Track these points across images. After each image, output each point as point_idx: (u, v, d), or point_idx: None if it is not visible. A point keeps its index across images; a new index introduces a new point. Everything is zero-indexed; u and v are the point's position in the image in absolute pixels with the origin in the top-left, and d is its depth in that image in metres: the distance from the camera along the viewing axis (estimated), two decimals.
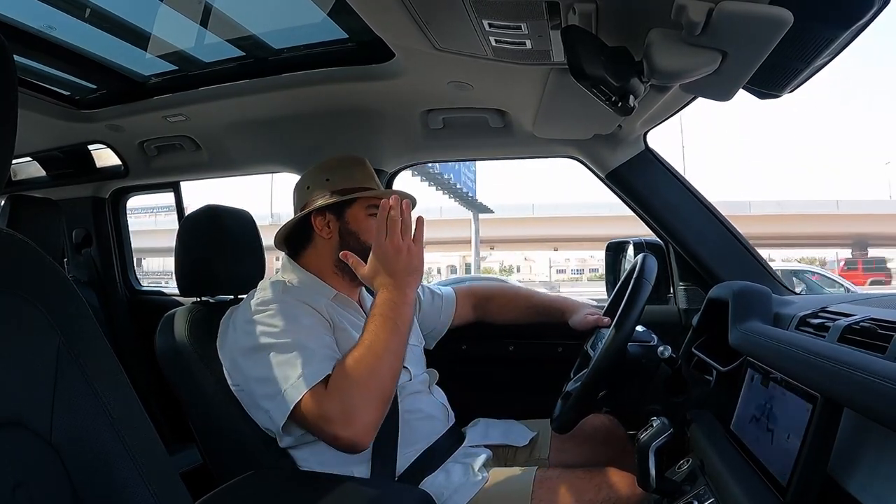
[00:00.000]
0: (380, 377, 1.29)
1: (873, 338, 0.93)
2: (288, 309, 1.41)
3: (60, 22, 1.82)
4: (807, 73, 1.14)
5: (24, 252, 0.76)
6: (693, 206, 1.97)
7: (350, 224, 1.58)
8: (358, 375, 1.28)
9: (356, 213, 1.59)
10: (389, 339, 1.33)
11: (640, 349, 1.46)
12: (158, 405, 2.55)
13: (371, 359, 1.30)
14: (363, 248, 1.51)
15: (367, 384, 1.28)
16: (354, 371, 1.29)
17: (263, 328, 1.38)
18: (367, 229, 1.56)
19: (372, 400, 1.27)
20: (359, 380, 1.28)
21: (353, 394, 1.27)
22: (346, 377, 1.29)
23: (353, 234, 1.58)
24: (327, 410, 1.26)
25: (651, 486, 1.16)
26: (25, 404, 0.71)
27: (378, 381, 1.29)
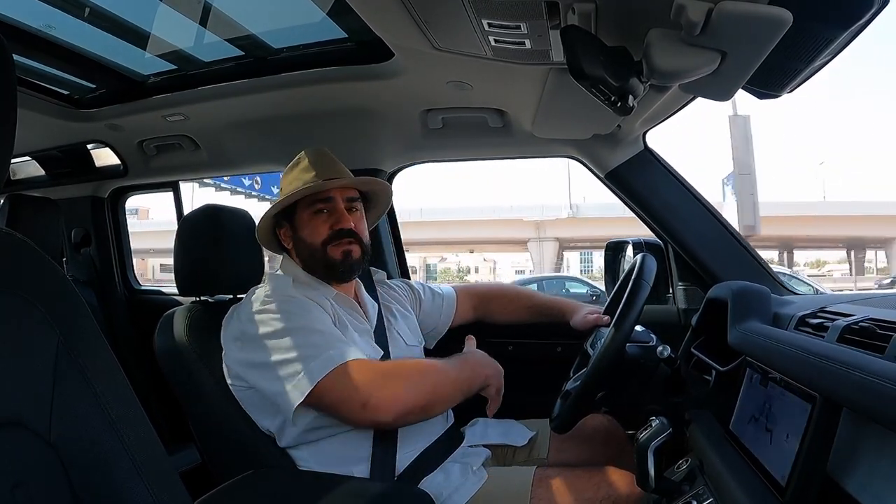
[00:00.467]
0: (434, 391, 1.39)
1: (872, 338, 0.93)
2: (299, 302, 1.43)
3: (60, 21, 1.82)
4: (806, 74, 1.14)
5: (24, 251, 0.76)
6: (692, 206, 1.97)
7: (299, 229, 1.58)
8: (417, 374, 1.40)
9: (300, 215, 1.57)
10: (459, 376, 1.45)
11: (639, 349, 1.46)
12: (157, 405, 2.55)
13: (437, 375, 1.42)
14: (312, 250, 1.55)
15: (422, 386, 1.38)
16: (417, 369, 1.43)
17: (275, 315, 1.39)
18: (312, 230, 1.56)
19: (417, 395, 1.35)
20: (415, 377, 1.39)
21: (402, 382, 1.36)
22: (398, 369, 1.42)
23: (301, 239, 1.57)
24: (360, 380, 1.31)
25: (650, 486, 1.16)
26: (24, 404, 0.71)
27: (431, 392, 1.38)
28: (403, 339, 1.68)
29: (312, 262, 1.56)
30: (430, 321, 1.90)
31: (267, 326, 1.38)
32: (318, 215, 1.55)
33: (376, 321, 1.64)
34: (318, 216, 1.55)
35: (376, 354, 1.53)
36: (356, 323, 1.55)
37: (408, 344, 1.68)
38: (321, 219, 1.55)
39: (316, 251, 1.54)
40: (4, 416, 0.69)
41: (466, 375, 1.46)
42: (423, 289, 1.92)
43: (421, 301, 1.89)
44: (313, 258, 1.56)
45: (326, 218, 1.55)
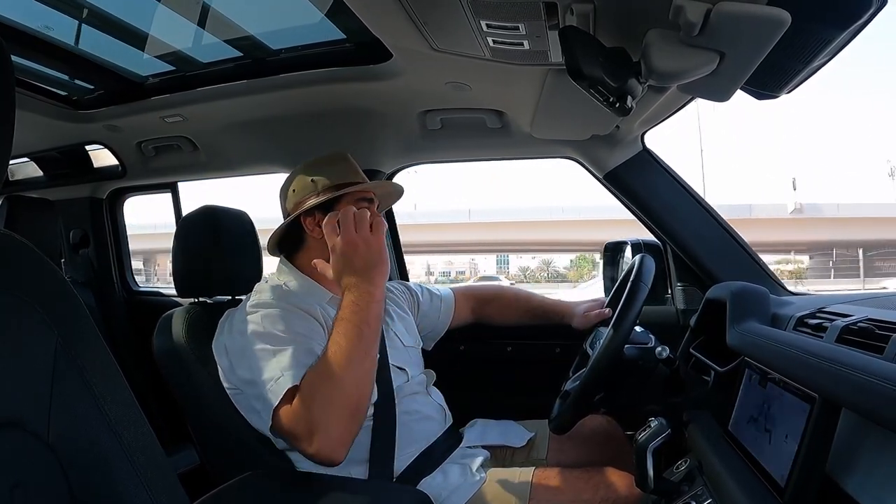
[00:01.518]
0: (343, 389, 1.24)
1: (871, 338, 0.93)
2: (282, 314, 1.40)
3: (58, 22, 1.82)
4: (805, 74, 1.14)
5: (22, 253, 0.76)
6: (691, 207, 1.97)
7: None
8: (319, 388, 1.24)
9: (346, 208, 1.57)
10: (353, 346, 1.27)
11: (637, 350, 1.46)
12: (156, 406, 2.54)
13: (334, 369, 1.25)
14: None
15: (330, 397, 1.23)
16: (316, 384, 1.25)
17: (255, 329, 1.37)
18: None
19: (336, 413, 1.23)
20: (321, 393, 1.24)
21: (314, 408, 1.23)
22: (308, 390, 1.25)
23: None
24: (293, 426, 1.25)
25: (649, 487, 1.16)
26: (23, 405, 0.71)
27: (342, 394, 1.23)
28: (400, 340, 1.68)
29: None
30: (429, 323, 1.90)
31: (246, 341, 1.37)
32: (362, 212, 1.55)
33: None
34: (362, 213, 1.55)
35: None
36: None
37: (405, 345, 1.68)
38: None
39: None
40: (3, 416, 0.69)
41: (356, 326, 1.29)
42: (422, 290, 1.92)
43: (419, 303, 1.89)
44: None
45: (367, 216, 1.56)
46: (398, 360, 1.60)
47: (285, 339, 1.35)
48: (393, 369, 1.56)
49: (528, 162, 16.09)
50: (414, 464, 1.47)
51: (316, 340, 1.39)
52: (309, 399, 1.24)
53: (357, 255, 1.32)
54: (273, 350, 1.33)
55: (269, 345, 1.34)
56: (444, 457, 1.53)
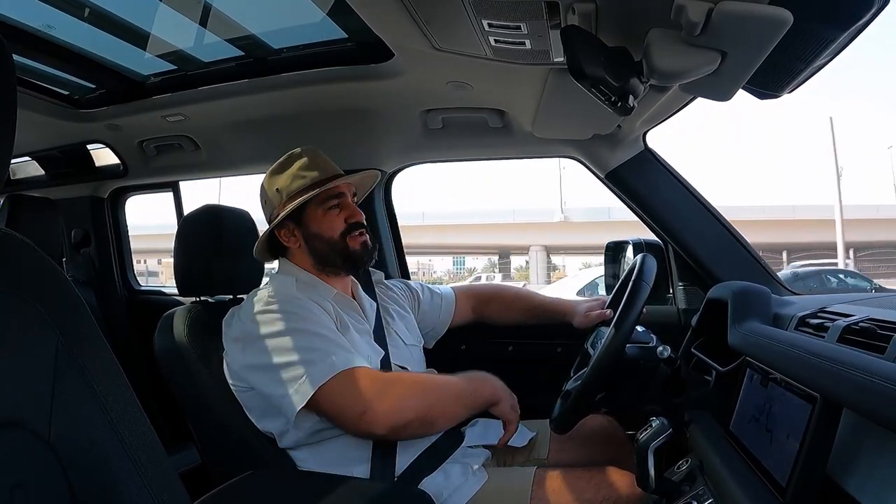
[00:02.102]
0: (437, 405, 1.41)
1: (872, 338, 0.93)
2: (302, 303, 1.43)
3: (59, 21, 1.82)
4: (806, 74, 1.14)
5: (23, 252, 0.76)
6: (692, 207, 1.97)
7: (311, 227, 1.58)
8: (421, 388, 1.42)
9: (313, 213, 1.58)
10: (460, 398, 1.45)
11: (639, 349, 1.46)
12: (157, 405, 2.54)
13: (439, 391, 1.44)
14: (331, 245, 1.57)
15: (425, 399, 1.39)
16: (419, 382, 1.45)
17: (278, 316, 1.39)
18: (329, 225, 1.58)
19: (418, 408, 1.37)
20: (419, 390, 1.41)
21: (402, 395, 1.37)
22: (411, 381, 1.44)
23: (316, 235, 1.58)
24: (364, 390, 1.32)
25: (650, 487, 1.16)
26: (24, 404, 0.71)
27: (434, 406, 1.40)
28: (402, 338, 1.68)
29: (331, 255, 1.58)
30: (429, 321, 1.90)
31: (269, 327, 1.38)
32: (332, 211, 1.58)
33: (374, 321, 1.64)
34: (332, 212, 1.58)
35: (377, 355, 1.53)
36: (356, 323, 1.55)
37: (406, 344, 1.68)
38: (335, 213, 1.58)
39: (336, 244, 1.57)
40: (4, 416, 0.69)
41: (472, 390, 1.46)
42: (422, 289, 1.93)
43: (419, 301, 1.89)
44: (332, 251, 1.57)
45: (339, 212, 1.59)
46: (400, 359, 1.60)
47: (316, 324, 1.40)
48: (395, 368, 1.56)
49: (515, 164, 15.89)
50: (415, 463, 1.47)
51: (337, 332, 1.45)
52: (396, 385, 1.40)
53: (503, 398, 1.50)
54: (307, 331, 1.38)
55: (303, 327, 1.38)
56: (445, 456, 1.53)
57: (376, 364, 1.51)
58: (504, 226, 29.66)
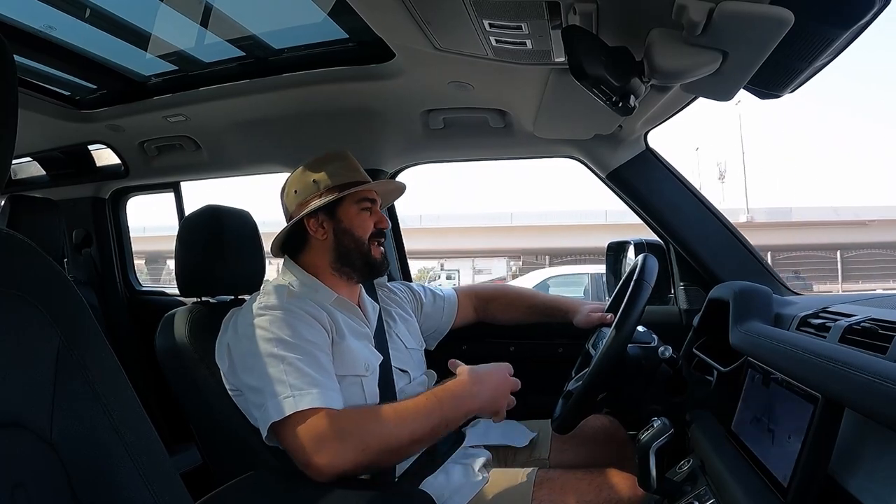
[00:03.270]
0: (384, 440, 1.25)
1: (874, 338, 0.93)
2: (290, 318, 1.39)
3: (60, 22, 1.82)
4: (808, 73, 1.14)
5: (25, 252, 0.76)
6: (693, 207, 1.97)
7: (343, 222, 1.58)
8: (367, 425, 1.26)
9: (347, 209, 1.58)
10: (425, 426, 1.29)
11: (640, 350, 1.46)
12: (158, 405, 2.54)
13: (392, 426, 1.27)
14: (358, 244, 1.56)
15: (370, 443, 1.24)
16: (370, 424, 1.26)
17: (262, 334, 1.36)
18: (361, 224, 1.58)
19: (361, 457, 1.23)
20: (365, 429, 1.25)
21: (347, 442, 1.23)
22: (343, 420, 1.26)
23: (346, 231, 1.57)
24: (305, 441, 1.23)
25: (652, 487, 1.16)
26: (25, 404, 0.71)
27: (377, 442, 1.25)
28: (403, 342, 1.68)
29: (354, 255, 1.57)
30: (432, 323, 1.90)
31: (252, 345, 1.36)
32: (365, 212, 1.59)
33: (376, 324, 1.64)
34: (365, 213, 1.59)
35: (376, 359, 1.52)
36: (356, 327, 1.55)
37: (407, 347, 1.68)
38: (366, 215, 1.59)
39: (362, 245, 1.58)
40: (5, 416, 0.69)
41: (444, 413, 1.32)
42: (424, 291, 1.92)
43: (422, 303, 1.89)
44: (356, 251, 1.57)
45: (370, 216, 1.60)
46: (400, 363, 1.60)
47: (294, 347, 1.34)
48: (395, 371, 1.56)
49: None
50: (416, 464, 1.47)
51: (322, 350, 1.39)
52: (338, 424, 1.24)
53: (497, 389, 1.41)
54: (280, 357, 1.31)
55: (276, 352, 1.32)
56: (445, 457, 1.53)
57: (375, 368, 1.50)
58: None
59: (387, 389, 1.50)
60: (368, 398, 1.45)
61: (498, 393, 1.39)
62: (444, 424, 1.31)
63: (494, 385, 1.40)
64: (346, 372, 1.42)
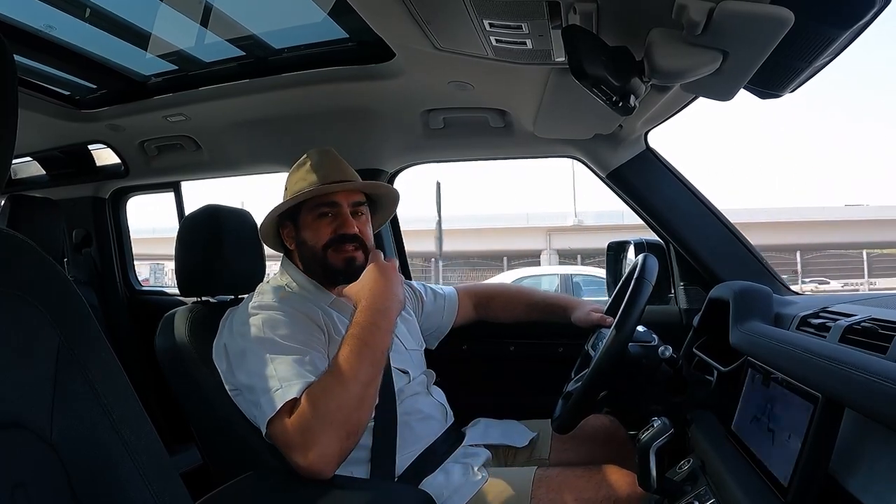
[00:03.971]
0: (345, 408, 1.22)
1: (874, 338, 0.93)
2: (284, 317, 1.39)
3: (60, 22, 1.82)
4: (808, 73, 1.14)
5: (24, 252, 0.76)
6: (694, 206, 1.97)
7: (301, 230, 1.56)
8: (322, 404, 1.22)
9: (305, 217, 1.55)
10: (360, 367, 1.25)
11: (640, 349, 1.46)
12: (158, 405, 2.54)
13: (338, 388, 1.23)
14: (313, 252, 1.53)
15: (331, 415, 1.21)
16: (319, 399, 1.23)
17: (256, 334, 1.36)
18: (315, 232, 1.53)
19: (333, 431, 1.20)
20: (322, 409, 1.21)
21: (313, 424, 1.21)
22: (310, 405, 1.22)
23: (303, 241, 1.55)
24: (289, 437, 1.22)
25: (652, 487, 1.16)
26: (25, 404, 0.71)
27: (342, 413, 1.21)
28: (402, 342, 1.67)
29: (313, 265, 1.55)
30: (433, 322, 1.90)
31: (246, 343, 1.36)
32: (322, 218, 1.53)
33: None
34: (322, 219, 1.53)
35: None
36: None
37: (407, 348, 1.67)
38: (325, 222, 1.53)
39: (316, 254, 1.53)
40: (5, 416, 0.69)
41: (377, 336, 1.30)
42: (425, 290, 1.92)
43: (423, 302, 1.88)
44: (314, 261, 1.54)
45: (330, 221, 1.53)
46: (400, 363, 1.59)
47: (286, 347, 1.33)
48: (395, 371, 1.55)
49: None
50: (415, 463, 1.47)
51: (317, 349, 1.38)
52: (309, 411, 1.22)
53: (385, 281, 1.38)
54: (273, 357, 1.31)
55: (269, 352, 1.32)
56: (445, 456, 1.53)
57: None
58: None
59: (386, 389, 1.50)
60: None
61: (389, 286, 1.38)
62: (380, 353, 1.31)
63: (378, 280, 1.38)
64: None
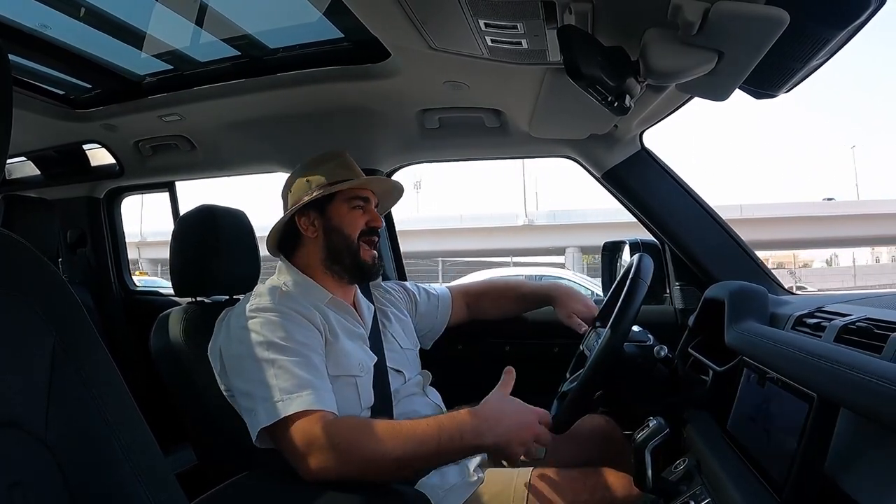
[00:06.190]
0: (376, 462, 1.20)
1: (869, 337, 0.93)
2: (281, 320, 1.38)
3: (55, 21, 1.82)
4: (803, 73, 1.14)
5: (19, 252, 0.76)
6: (689, 206, 1.97)
7: (333, 219, 1.57)
8: (359, 441, 1.21)
9: (338, 207, 1.57)
10: (410, 449, 1.20)
11: (636, 349, 1.46)
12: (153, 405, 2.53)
13: (371, 443, 1.21)
14: (347, 242, 1.55)
15: (356, 457, 1.20)
16: (342, 432, 1.22)
17: (254, 337, 1.35)
18: (351, 222, 1.57)
19: (346, 468, 1.20)
20: (357, 445, 1.21)
21: (323, 444, 1.20)
22: (328, 432, 1.21)
23: (335, 229, 1.56)
24: (290, 446, 1.23)
25: (647, 487, 1.16)
26: (20, 404, 0.71)
27: (373, 466, 1.20)
28: (398, 341, 1.67)
29: (343, 254, 1.56)
30: (427, 322, 1.90)
31: (242, 348, 1.35)
32: (356, 210, 1.58)
33: (371, 325, 1.63)
34: (356, 210, 1.58)
35: (370, 360, 1.52)
36: (350, 328, 1.54)
37: (402, 347, 1.67)
38: (358, 213, 1.58)
39: (351, 244, 1.56)
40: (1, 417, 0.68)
41: (441, 445, 1.21)
42: (419, 290, 1.92)
43: (417, 303, 1.88)
44: (347, 251, 1.56)
45: (362, 214, 1.58)
46: (395, 363, 1.59)
47: (285, 349, 1.33)
48: (390, 372, 1.55)
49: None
50: None
51: (316, 350, 1.38)
52: (323, 438, 1.21)
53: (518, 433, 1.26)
54: (272, 363, 1.30)
55: (268, 357, 1.31)
56: None
57: (369, 368, 1.50)
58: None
59: (382, 390, 1.50)
60: (363, 398, 1.45)
61: (513, 437, 1.24)
62: (438, 455, 1.22)
63: (511, 427, 1.25)
64: (341, 372, 1.42)
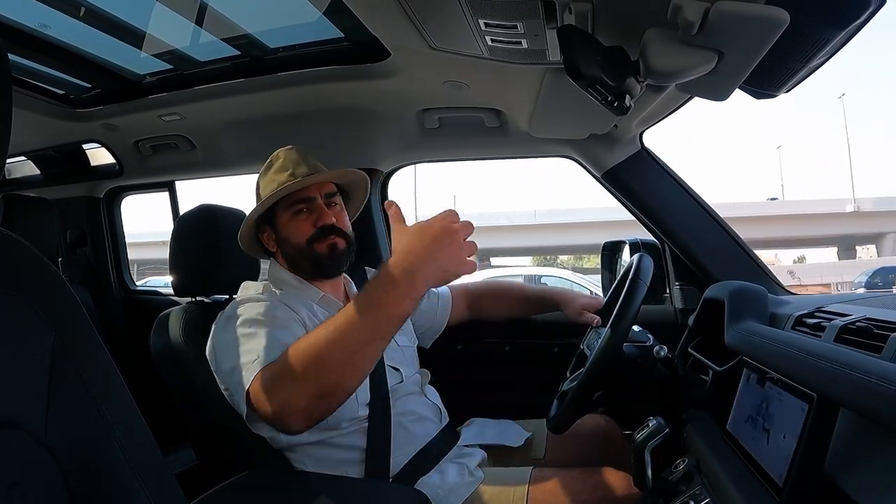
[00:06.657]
0: (323, 365, 1.11)
1: (869, 338, 0.93)
2: (263, 305, 1.40)
3: (55, 20, 1.82)
4: (803, 73, 1.14)
5: (19, 251, 0.75)
6: (689, 206, 1.97)
7: (281, 231, 1.56)
8: (299, 354, 1.15)
9: (281, 216, 1.55)
10: (357, 324, 1.10)
11: (636, 349, 1.46)
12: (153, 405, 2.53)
13: (322, 341, 1.13)
14: (298, 250, 1.54)
15: (305, 367, 1.13)
16: (299, 349, 1.16)
17: (236, 320, 1.37)
18: (295, 230, 1.54)
19: (302, 385, 1.13)
20: (296, 359, 1.15)
21: (283, 373, 1.17)
22: (286, 355, 1.18)
23: (285, 240, 1.56)
24: (259, 394, 1.20)
25: (647, 486, 1.16)
26: (20, 405, 0.70)
27: (319, 369, 1.12)
28: (395, 339, 1.66)
29: (300, 260, 1.55)
30: (426, 320, 1.89)
31: (227, 334, 1.37)
32: (300, 215, 1.54)
33: None
34: (300, 216, 1.54)
35: None
36: None
37: (399, 345, 1.67)
38: (302, 218, 1.54)
39: (302, 250, 1.53)
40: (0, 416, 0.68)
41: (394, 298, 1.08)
42: None
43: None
44: (301, 257, 1.54)
45: (307, 216, 1.54)
46: (392, 360, 1.59)
47: (262, 322, 1.34)
48: (387, 369, 1.55)
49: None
50: (411, 463, 1.47)
51: (293, 328, 1.37)
52: (282, 361, 1.19)
53: (445, 243, 1.08)
54: (250, 333, 1.32)
55: (248, 329, 1.33)
56: (440, 456, 1.53)
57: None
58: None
59: (378, 387, 1.49)
60: (359, 395, 1.44)
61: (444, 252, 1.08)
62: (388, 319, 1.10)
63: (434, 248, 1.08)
64: None
